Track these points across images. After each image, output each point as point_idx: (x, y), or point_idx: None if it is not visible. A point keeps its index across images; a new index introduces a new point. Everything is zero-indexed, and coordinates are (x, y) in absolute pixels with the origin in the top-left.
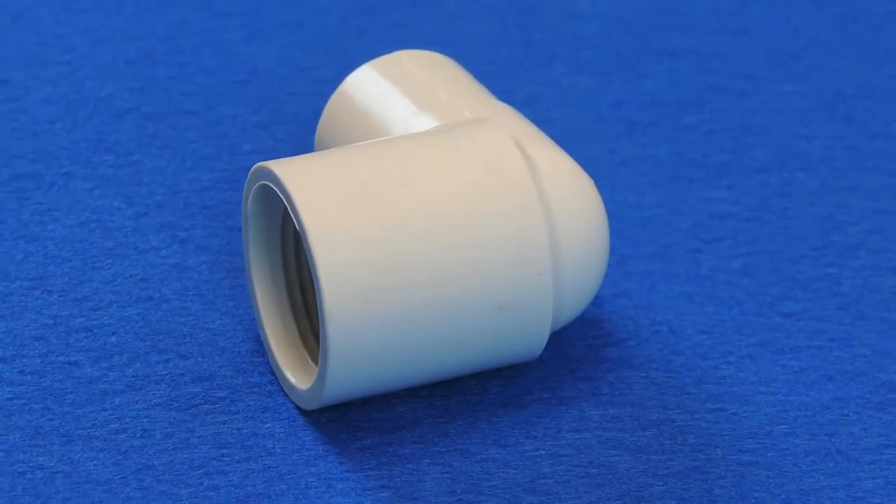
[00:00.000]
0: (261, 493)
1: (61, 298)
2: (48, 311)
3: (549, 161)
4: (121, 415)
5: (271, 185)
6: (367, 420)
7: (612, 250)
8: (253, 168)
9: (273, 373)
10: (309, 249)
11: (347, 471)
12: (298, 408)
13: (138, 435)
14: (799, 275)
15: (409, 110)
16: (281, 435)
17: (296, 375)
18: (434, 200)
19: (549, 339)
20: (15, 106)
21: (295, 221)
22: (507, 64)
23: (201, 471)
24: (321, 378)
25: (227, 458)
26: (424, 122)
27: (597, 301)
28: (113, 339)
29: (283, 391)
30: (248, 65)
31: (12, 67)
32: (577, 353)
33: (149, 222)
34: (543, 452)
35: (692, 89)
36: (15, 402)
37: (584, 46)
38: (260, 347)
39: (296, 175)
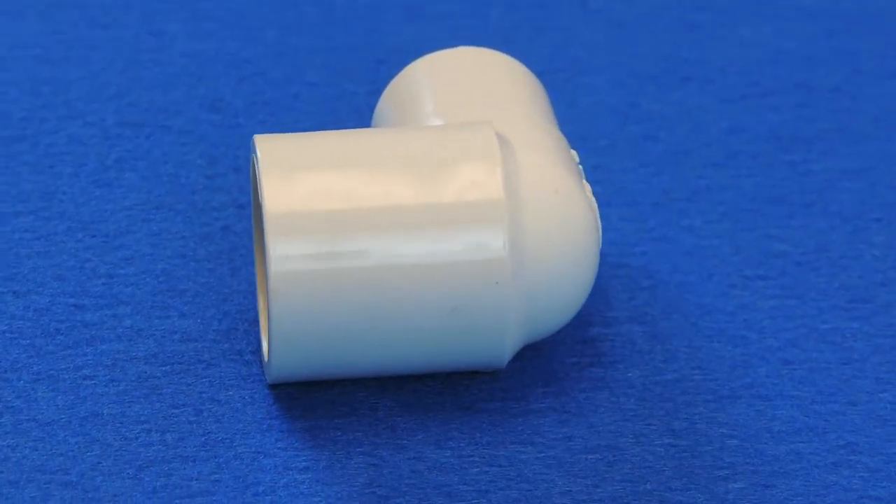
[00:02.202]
0: (185, 456)
1: (102, 243)
2: (81, 255)
3: (538, 173)
4: (97, 362)
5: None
6: (326, 402)
7: (650, 274)
8: (252, 138)
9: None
10: (263, 224)
11: (280, 448)
12: None
13: (104, 383)
14: (822, 325)
15: (432, 106)
16: (237, 404)
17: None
18: (398, 194)
19: (539, 350)
20: (153, 56)
21: (259, 195)
22: (643, 77)
23: (143, 426)
24: (269, 353)
25: (174, 419)
26: (438, 121)
27: (606, 321)
28: (128, 289)
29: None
30: (396, 45)
31: (171, 19)
32: (560, 368)
33: (220, 183)
34: (477, 459)
35: (814, 126)
36: (6, 334)
37: (726, 71)
38: None
39: (272, 151)
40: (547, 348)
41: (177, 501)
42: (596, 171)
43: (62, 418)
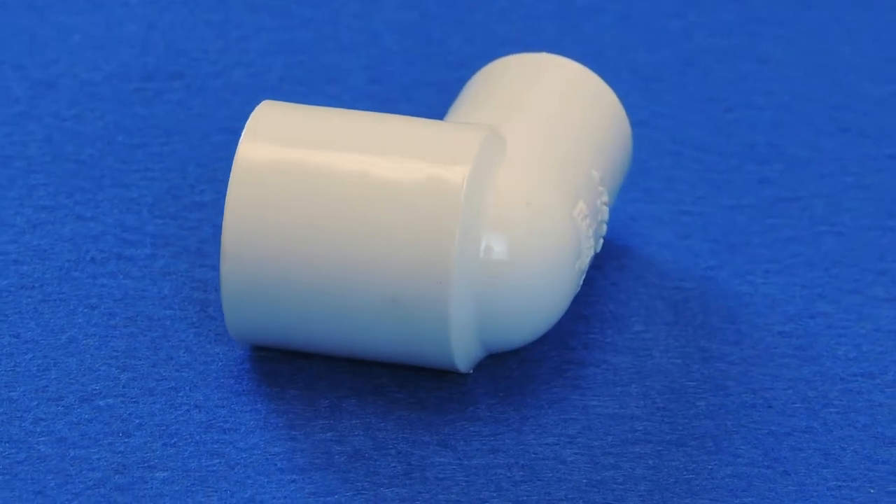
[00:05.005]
0: (127, 396)
1: (188, 186)
2: (161, 194)
3: (515, 184)
4: (108, 294)
5: None
6: (292, 371)
7: (677, 311)
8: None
9: None
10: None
11: (218, 406)
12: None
13: (99, 315)
14: (810, 391)
15: (475, 102)
16: (207, 358)
17: None
18: (365, 177)
19: (523, 360)
20: (350, 22)
21: None
22: (802, 121)
23: (108, 361)
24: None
25: (140, 360)
26: (470, 115)
27: (605, 346)
28: (181, 233)
29: None
30: (581, 48)
31: None
32: (531, 384)
33: None
34: (392, 453)
35: None
36: (46, 253)
37: (885, 128)
38: None
39: (262, 118)
40: (531, 362)
41: (92, 436)
42: (696, 203)
43: (42, 339)
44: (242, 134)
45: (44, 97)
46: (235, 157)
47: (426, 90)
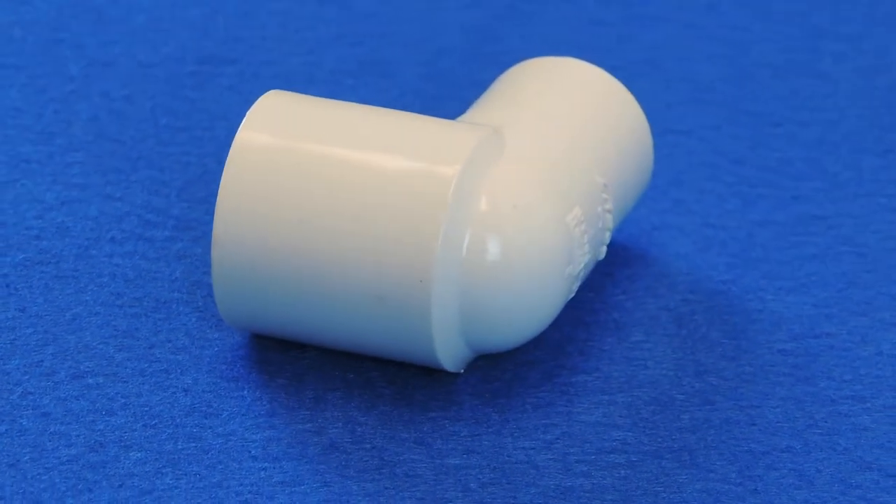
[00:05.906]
0: (118, 375)
1: (221, 171)
2: (193, 178)
3: (505, 186)
4: (120, 274)
5: None
6: (285, 360)
7: (681, 323)
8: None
9: None
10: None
11: (205, 391)
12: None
13: (107, 294)
14: (797, 411)
15: (491, 101)
16: (204, 343)
17: None
18: (358, 173)
19: (517, 362)
20: (418, 15)
21: None
22: (852, 142)
23: (106, 340)
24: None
25: (139, 340)
26: (485, 113)
27: (602, 354)
28: (204, 217)
29: None
30: (642, 57)
31: None
32: (518, 386)
33: None
34: (367, 448)
35: None
36: (69, 231)
37: None
38: None
39: (263, 111)
40: (524, 365)
41: (76, 413)
42: (722, 216)
43: (46, 315)
44: (242, 123)
45: (97, 76)
46: (232, 145)
47: (476, 89)
